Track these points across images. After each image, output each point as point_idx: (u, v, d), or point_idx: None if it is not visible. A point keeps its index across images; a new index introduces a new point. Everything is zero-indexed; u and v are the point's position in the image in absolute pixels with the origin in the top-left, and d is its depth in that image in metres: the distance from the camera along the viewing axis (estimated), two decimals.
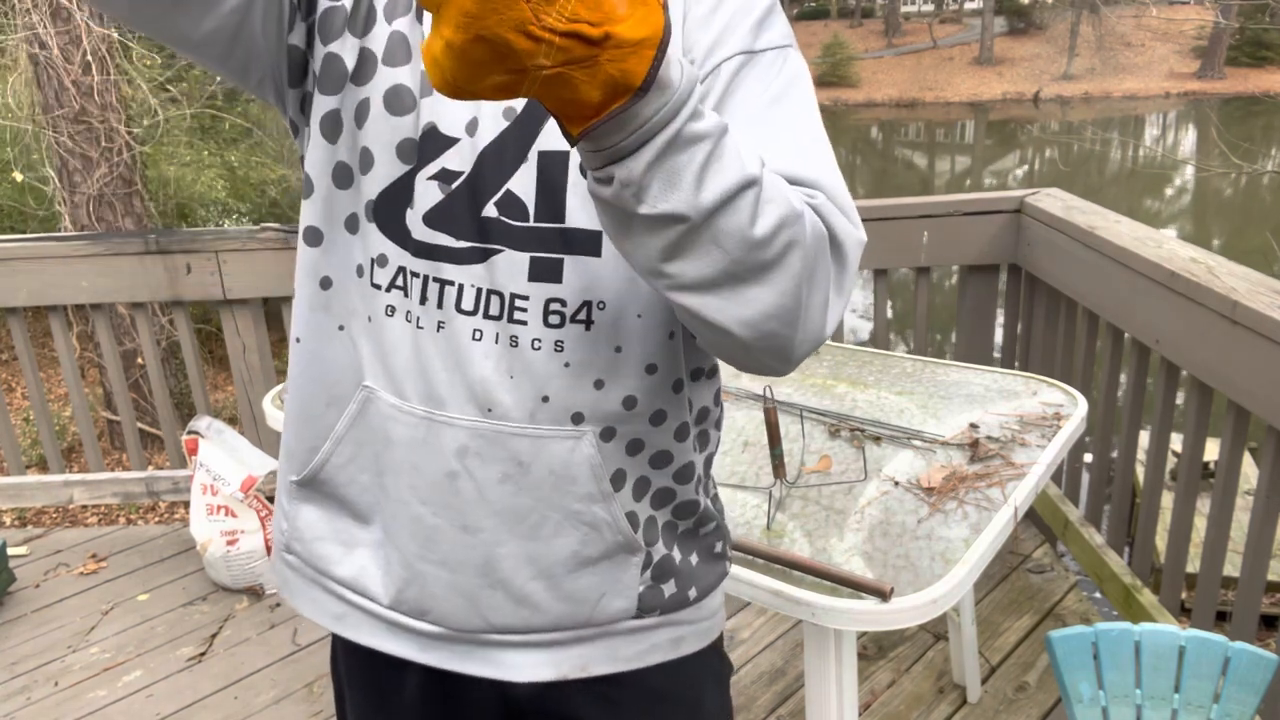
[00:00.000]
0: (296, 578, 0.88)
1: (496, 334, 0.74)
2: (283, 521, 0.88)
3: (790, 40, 0.77)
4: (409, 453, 0.77)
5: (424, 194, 0.74)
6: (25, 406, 5.89)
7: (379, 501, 0.80)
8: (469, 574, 0.79)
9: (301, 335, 0.82)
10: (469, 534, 0.78)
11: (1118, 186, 18.69)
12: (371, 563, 0.82)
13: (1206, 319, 1.80)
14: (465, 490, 0.77)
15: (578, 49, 0.49)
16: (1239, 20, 9.66)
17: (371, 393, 0.78)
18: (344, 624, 0.85)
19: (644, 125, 0.53)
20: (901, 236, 2.61)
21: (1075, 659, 1.49)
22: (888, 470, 1.47)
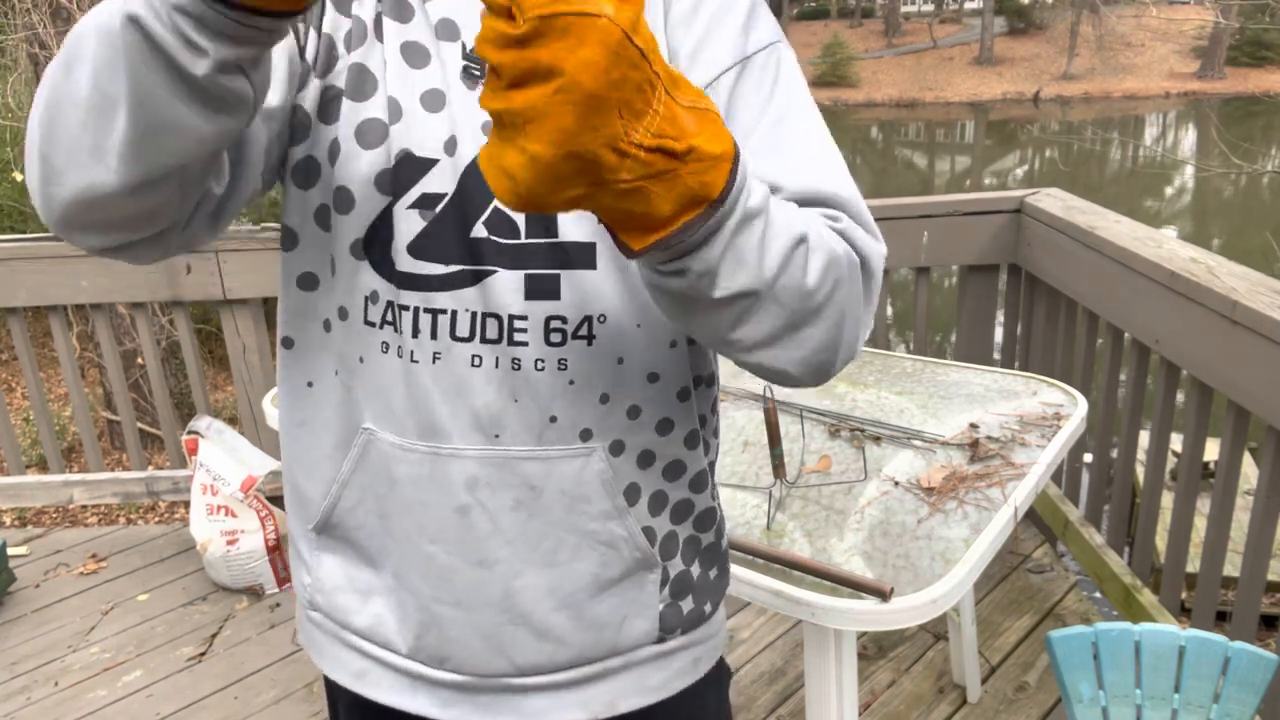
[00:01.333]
0: (321, 635, 0.85)
1: (496, 358, 0.72)
2: (305, 575, 0.85)
3: (778, 34, 0.76)
4: (415, 491, 0.75)
5: (405, 223, 0.72)
6: (25, 406, 5.89)
7: (386, 545, 0.78)
8: (488, 612, 0.76)
9: (313, 380, 0.79)
10: (485, 569, 0.75)
11: (1118, 186, 18.70)
12: (387, 610, 0.80)
13: (1206, 319, 1.80)
14: (478, 523, 0.74)
15: (660, 163, 0.49)
16: (1239, 20, 9.66)
17: (372, 434, 0.75)
18: (364, 681, 0.83)
19: (718, 224, 0.54)
20: (901, 236, 2.61)
21: (1075, 659, 1.49)
22: (888, 470, 1.47)
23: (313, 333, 0.78)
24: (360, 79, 0.72)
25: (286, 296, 0.79)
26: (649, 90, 0.47)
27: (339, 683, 0.84)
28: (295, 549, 0.86)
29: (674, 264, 0.56)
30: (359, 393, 0.76)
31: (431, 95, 0.72)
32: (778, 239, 0.58)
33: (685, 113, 0.50)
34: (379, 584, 0.80)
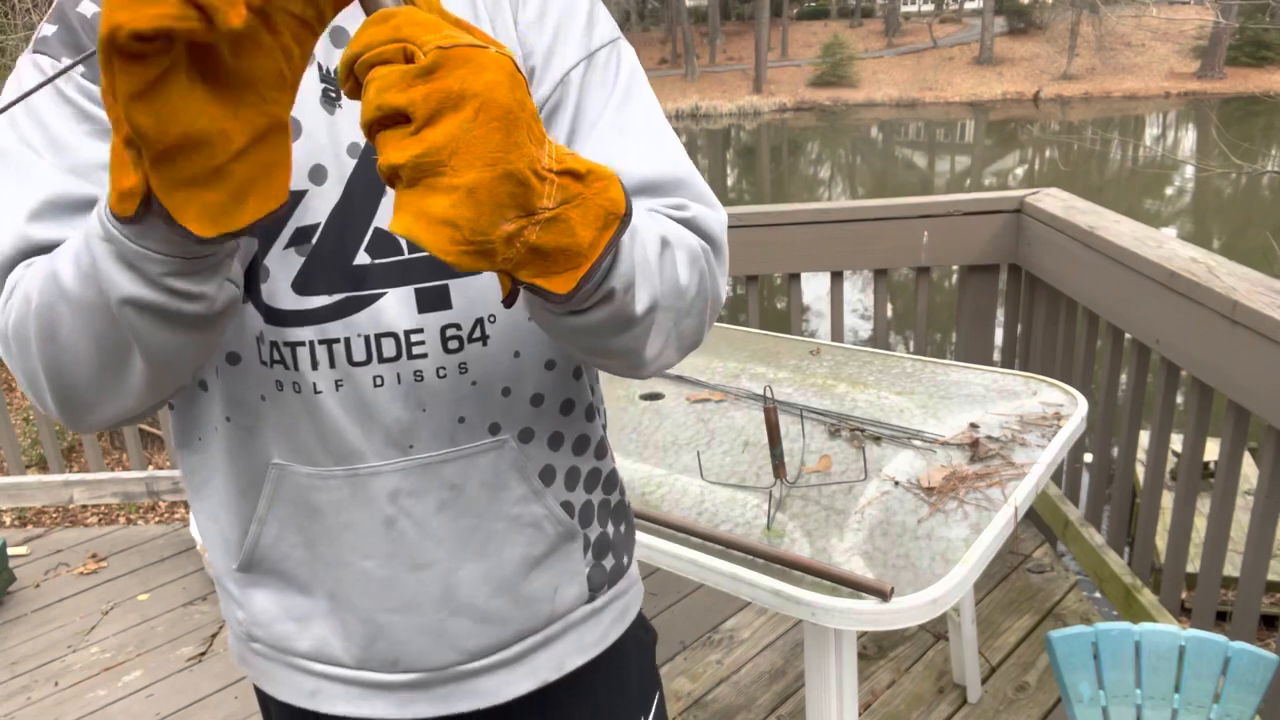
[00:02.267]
0: (264, 661, 0.86)
1: (398, 374, 0.73)
2: (237, 611, 0.85)
3: (617, 32, 0.79)
4: (339, 514, 0.76)
5: (283, 264, 0.71)
6: (25, 406, 5.89)
7: (316, 571, 0.79)
8: (431, 610, 0.79)
9: (202, 435, 0.79)
10: (421, 570, 0.78)
11: (1118, 186, 18.70)
12: (329, 631, 0.81)
13: (1206, 319, 1.80)
14: (406, 531, 0.76)
15: (571, 186, 0.50)
16: (1239, 20, 9.66)
17: (283, 469, 0.76)
18: (318, 699, 0.84)
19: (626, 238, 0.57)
20: (901, 236, 2.61)
21: (1075, 659, 1.49)
22: (888, 470, 1.47)
23: (192, 390, 0.77)
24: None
25: None
26: (537, 119, 0.49)
27: (293, 704, 0.85)
28: (223, 588, 0.87)
29: (600, 289, 0.57)
30: (264, 431, 0.75)
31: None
32: (651, 244, 0.62)
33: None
34: (315, 608, 0.81)
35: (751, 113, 33.60)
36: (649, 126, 0.75)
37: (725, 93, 35.16)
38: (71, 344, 0.59)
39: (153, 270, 0.53)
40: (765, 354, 2.02)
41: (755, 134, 30.22)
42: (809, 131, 29.99)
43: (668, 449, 1.61)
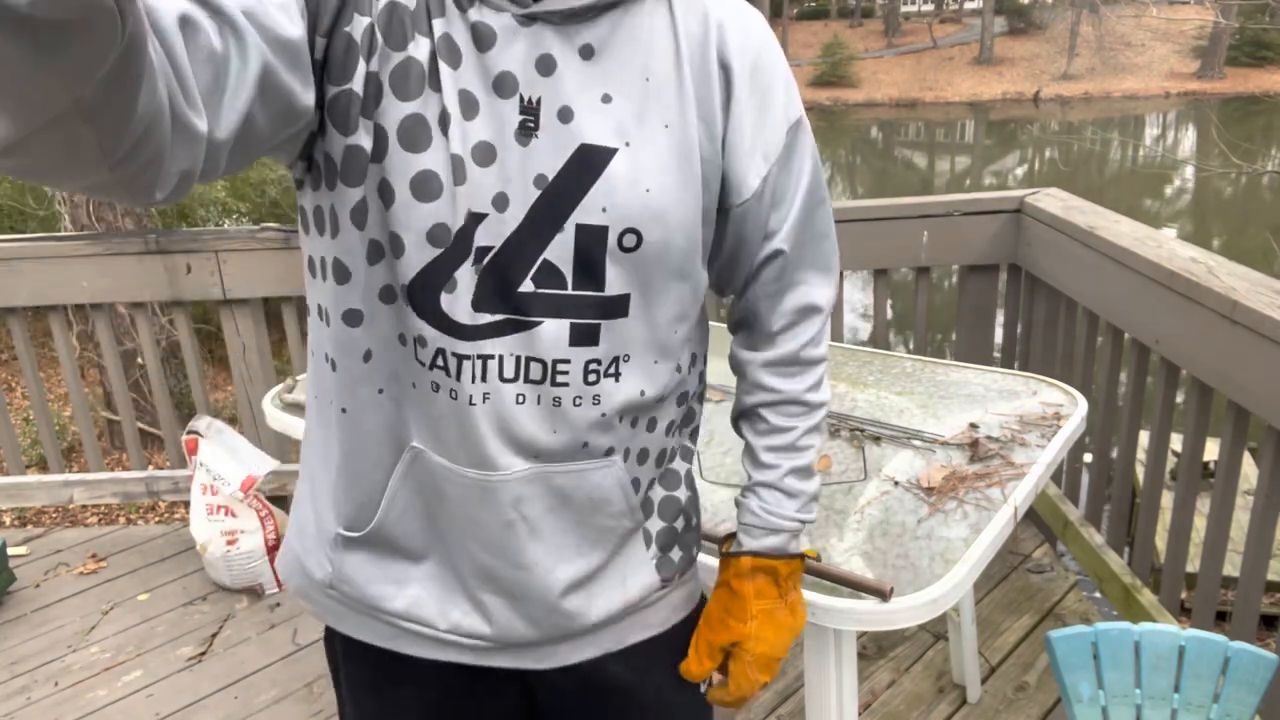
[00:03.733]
0: (345, 609, 0.91)
1: (539, 396, 0.78)
2: (325, 564, 0.89)
3: (800, 107, 0.90)
4: (465, 509, 0.81)
5: (464, 278, 0.75)
6: (25, 406, 5.89)
7: (430, 543, 0.85)
8: (525, 602, 0.85)
9: (347, 407, 0.82)
10: (524, 570, 0.84)
11: (1118, 186, 18.69)
12: (426, 595, 0.86)
13: (1206, 319, 1.80)
14: (520, 532, 0.82)
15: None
16: (1239, 20, 9.66)
17: (419, 453, 0.80)
18: (399, 643, 0.89)
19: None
20: (901, 236, 2.61)
21: (1075, 659, 1.49)
22: (887, 470, 1.47)
23: (353, 363, 0.81)
24: (416, 132, 0.72)
25: (327, 329, 0.82)
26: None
27: (370, 642, 0.90)
28: (311, 541, 0.90)
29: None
30: (408, 413, 0.80)
31: (482, 149, 0.73)
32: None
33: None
34: (417, 573, 0.86)
35: None
36: (829, 238, 0.91)
37: None
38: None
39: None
40: None
41: None
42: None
43: None
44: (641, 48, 0.76)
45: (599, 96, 0.74)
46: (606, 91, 0.75)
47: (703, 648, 0.94)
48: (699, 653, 0.94)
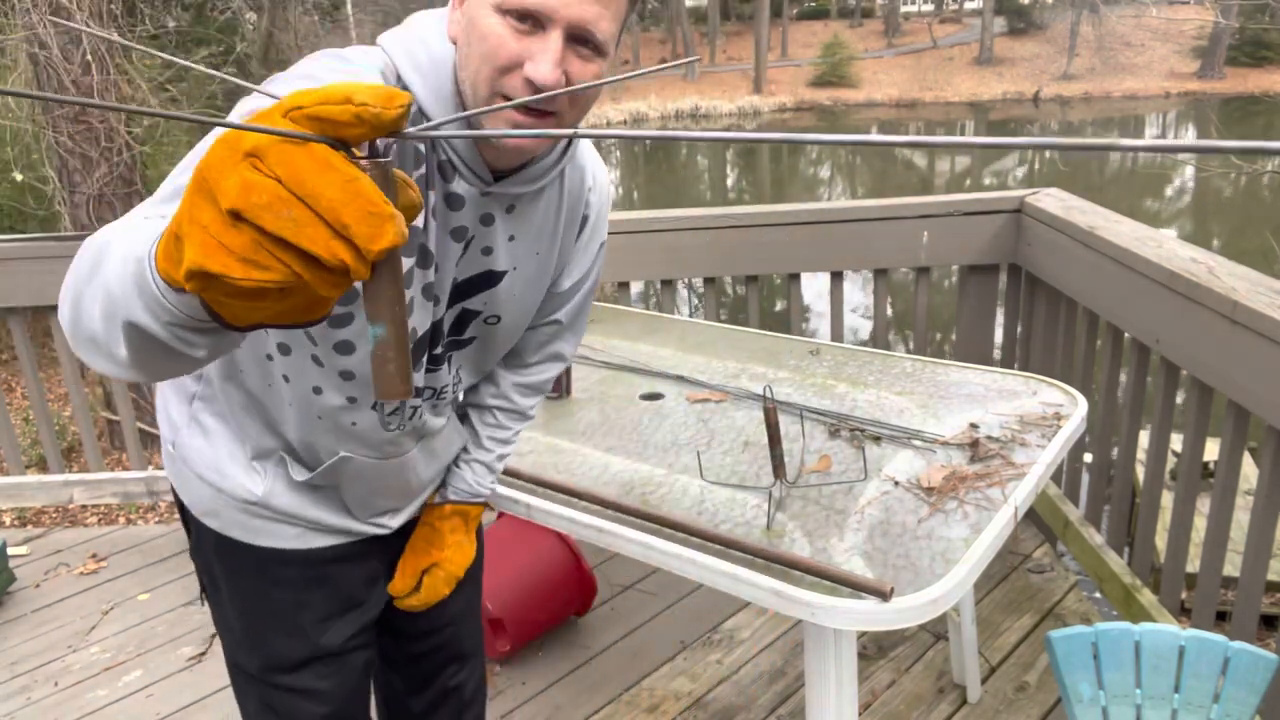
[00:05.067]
0: (256, 520, 1.14)
1: (430, 406, 1.14)
2: (253, 489, 1.12)
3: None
4: (379, 477, 1.15)
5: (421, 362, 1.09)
6: (25, 406, 5.89)
7: (340, 491, 1.16)
8: (408, 505, 1.25)
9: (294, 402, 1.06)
10: (410, 490, 1.22)
11: (1118, 186, 18.69)
12: (334, 511, 1.17)
13: (1206, 319, 1.80)
14: (410, 476, 1.19)
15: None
16: (1239, 20, 9.65)
17: (347, 459, 1.11)
18: (300, 540, 1.16)
19: None
20: (901, 236, 2.61)
21: (1075, 659, 1.49)
22: (888, 470, 1.47)
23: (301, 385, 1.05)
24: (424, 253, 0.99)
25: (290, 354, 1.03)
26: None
27: (272, 546, 1.15)
28: (245, 470, 1.11)
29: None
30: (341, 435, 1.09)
31: (439, 279, 1.03)
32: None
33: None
34: (331, 500, 1.16)
35: (751, 113, 33.59)
36: (587, 314, 1.28)
37: (725, 93, 35.15)
38: (91, 296, 0.65)
39: (166, 318, 0.57)
40: (765, 354, 2.02)
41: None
42: (809, 131, 29.99)
43: (668, 449, 1.61)
44: (540, 207, 1.06)
45: (508, 237, 1.04)
46: (513, 234, 1.04)
47: (407, 570, 1.24)
48: (404, 572, 1.24)
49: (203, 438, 1.12)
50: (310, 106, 0.46)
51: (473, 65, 0.87)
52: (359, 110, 0.46)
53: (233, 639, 1.23)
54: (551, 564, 2.27)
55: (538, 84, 0.84)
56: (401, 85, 0.92)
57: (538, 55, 0.84)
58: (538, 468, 1.57)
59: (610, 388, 1.89)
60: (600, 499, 1.44)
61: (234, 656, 1.25)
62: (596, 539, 1.40)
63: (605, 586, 2.55)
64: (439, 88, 0.92)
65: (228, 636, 1.24)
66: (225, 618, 1.23)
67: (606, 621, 2.42)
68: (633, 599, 2.50)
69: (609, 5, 0.86)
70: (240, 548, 1.16)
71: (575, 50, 0.86)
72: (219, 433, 1.11)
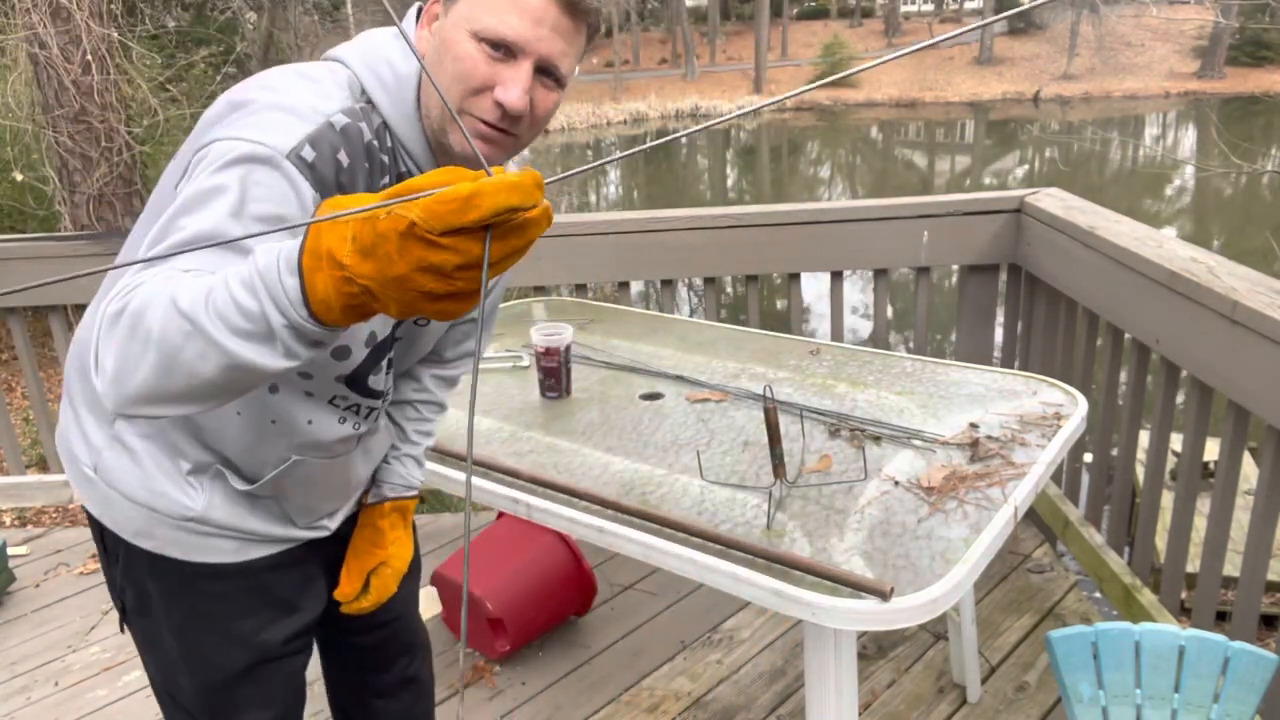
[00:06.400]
0: (193, 536, 1.12)
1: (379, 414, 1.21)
2: (190, 505, 1.10)
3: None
4: (324, 476, 1.17)
5: (383, 367, 1.13)
6: (25, 406, 5.88)
7: (280, 500, 1.16)
8: (345, 504, 1.27)
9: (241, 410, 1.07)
10: (347, 487, 1.24)
11: (1118, 186, 18.69)
12: (276, 516, 1.17)
13: (1206, 319, 1.80)
14: (350, 475, 1.22)
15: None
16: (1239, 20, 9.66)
17: (299, 461, 1.11)
18: (237, 554, 1.16)
19: None
20: (901, 236, 2.61)
21: (1075, 659, 1.49)
22: (888, 470, 1.47)
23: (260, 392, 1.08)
24: None
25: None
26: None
27: (210, 561, 1.14)
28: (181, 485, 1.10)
29: None
30: (293, 439, 1.10)
31: None
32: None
33: None
34: (270, 508, 1.16)
35: (751, 113, 33.53)
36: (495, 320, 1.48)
37: (725, 92, 35.15)
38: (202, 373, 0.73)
39: (300, 346, 0.71)
40: (765, 354, 2.02)
41: (755, 134, 30.22)
42: (809, 131, 29.98)
43: (667, 449, 1.61)
44: None
45: None
46: None
47: (354, 573, 1.26)
48: (350, 576, 1.26)
49: (129, 458, 1.09)
50: (489, 216, 0.60)
51: (443, 82, 0.94)
52: (528, 213, 0.62)
53: (167, 662, 1.21)
54: (551, 564, 2.27)
55: (506, 107, 0.93)
56: (366, 100, 0.99)
57: (509, 82, 0.92)
58: (537, 467, 1.57)
59: (610, 388, 1.89)
60: (600, 499, 1.44)
61: (169, 686, 1.24)
62: (596, 539, 1.40)
63: (605, 586, 2.55)
64: (403, 104, 1.00)
65: (161, 662, 1.22)
66: (158, 640, 1.20)
67: (606, 621, 2.42)
68: (633, 599, 2.50)
69: (572, 44, 0.95)
70: (175, 565, 1.14)
71: (541, 80, 0.95)
72: (146, 452, 1.09)
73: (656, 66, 40.36)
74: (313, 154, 0.91)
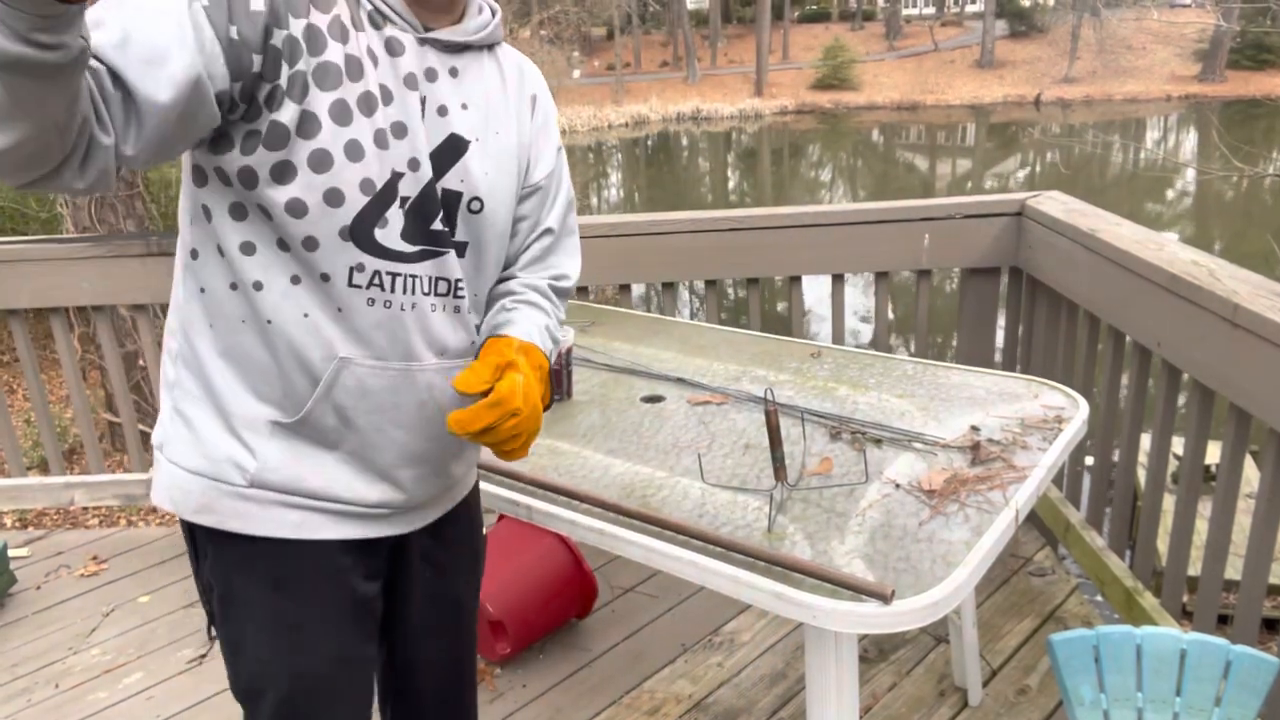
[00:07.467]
0: (253, 505, 1.08)
1: (444, 305, 1.09)
2: (245, 459, 1.07)
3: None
4: (391, 396, 1.07)
5: (394, 219, 1.03)
6: (26, 408, 5.89)
7: (342, 436, 1.08)
8: (427, 470, 1.16)
9: (273, 319, 1.03)
10: (430, 441, 1.13)
11: (1119, 189, 18.69)
12: (339, 475, 1.09)
13: (1208, 322, 1.80)
14: (430, 410, 1.11)
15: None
16: (1240, 23, 9.65)
17: (347, 362, 1.04)
18: (302, 529, 1.10)
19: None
20: (902, 239, 2.61)
21: (1076, 662, 1.49)
22: (889, 473, 1.47)
23: (282, 284, 1.02)
24: (341, 110, 0.98)
25: (249, 258, 1.02)
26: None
27: (270, 535, 1.09)
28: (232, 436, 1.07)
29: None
30: (332, 332, 1.03)
31: (398, 126, 1.02)
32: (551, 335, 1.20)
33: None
34: (330, 459, 1.09)
35: (753, 115, 33.62)
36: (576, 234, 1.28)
37: (726, 95, 35.17)
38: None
39: (20, 27, 0.67)
40: (766, 357, 2.02)
41: (756, 137, 30.24)
42: (810, 134, 30.00)
43: (669, 451, 1.61)
44: (484, 80, 1.11)
45: (460, 104, 1.08)
46: (464, 102, 1.08)
47: (481, 366, 1.05)
48: (475, 366, 1.05)
49: (185, 427, 1.09)
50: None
51: None
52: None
53: (255, 658, 1.15)
54: (552, 566, 2.27)
55: None
56: None
57: None
58: (538, 470, 1.57)
59: (611, 390, 1.89)
60: (601, 501, 1.44)
61: (256, 683, 1.17)
62: (597, 541, 1.40)
63: (606, 589, 2.55)
64: None
65: (247, 658, 1.16)
66: (243, 637, 1.15)
67: (607, 624, 2.42)
68: (633, 601, 2.49)
69: None
70: (247, 549, 1.10)
71: None
72: (198, 417, 1.08)
73: (658, 69, 40.39)
74: None
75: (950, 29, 42.09)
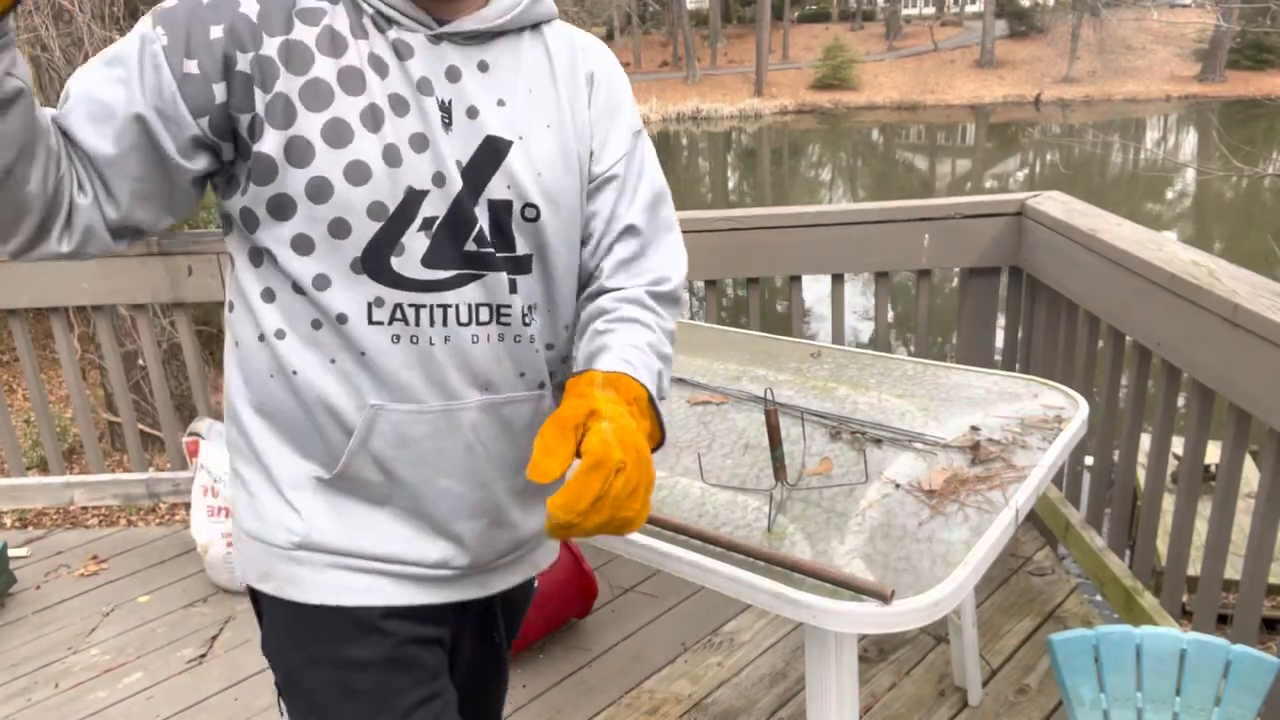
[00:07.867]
0: (307, 570, 1.00)
1: (489, 334, 0.96)
2: (293, 521, 0.99)
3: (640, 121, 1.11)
4: (432, 442, 0.97)
5: (416, 243, 0.92)
6: (26, 408, 5.89)
7: (390, 491, 0.99)
8: (486, 522, 1.03)
9: (298, 369, 0.96)
10: (484, 489, 1.01)
11: (1119, 189, 18.70)
12: (393, 535, 1.00)
13: (1207, 322, 1.80)
14: (478, 455, 0.99)
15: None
16: (1240, 23, 9.66)
17: (379, 409, 0.95)
18: (369, 595, 1.00)
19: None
20: (902, 239, 2.61)
21: (1076, 662, 1.49)
22: (889, 473, 1.47)
23: (303, 330, 0.95)
24: (336, 130, 0.89)
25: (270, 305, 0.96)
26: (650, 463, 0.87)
27: (324, 604, 0.99)
28: (279, 499, 0.99)
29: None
30: (361, 380, 0.94)
31: (418, 139, 0.92)
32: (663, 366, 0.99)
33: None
34: (381, 517, 1.00)
35: (752, 115, 33.63)
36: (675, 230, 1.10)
37: (726, 95, 35.18)
38: None
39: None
40: (766, 356, 2.02)
41: (756, 136, 30.25)
42: (810, 134, 30.01)
43: (668, 451, 1.61)
44: (522, 68, 0.99)
45: (495, 101, 0.96)
46: (500, 97, 0.96)
47: (551, 434, 0.82)
48: (546, 440, 0.82)
49: (242, 488, 1.03)
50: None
51: None
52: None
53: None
54: (552, 566, 2.27)
55: None
56: None
57: None
58: None
59: None
60: None
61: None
62: (597, 541, 1.40)
63: (606, 588, 2.55)
64: None
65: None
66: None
67: (607, 624, 2.42)
68: (633, 601, 2.49)
69: None
70: (304, 619, 1.00)
71: None
72: (251, 478, 1.02)
73: (658, 69, 40.40)
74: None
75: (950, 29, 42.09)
